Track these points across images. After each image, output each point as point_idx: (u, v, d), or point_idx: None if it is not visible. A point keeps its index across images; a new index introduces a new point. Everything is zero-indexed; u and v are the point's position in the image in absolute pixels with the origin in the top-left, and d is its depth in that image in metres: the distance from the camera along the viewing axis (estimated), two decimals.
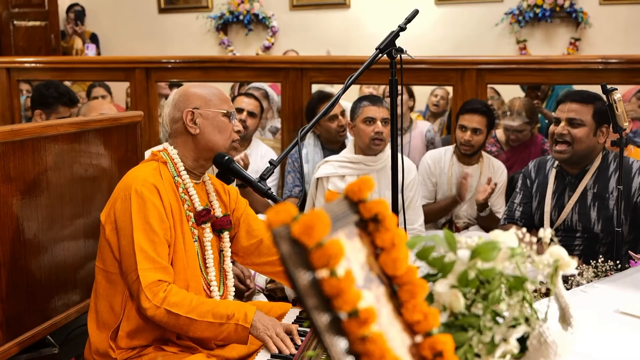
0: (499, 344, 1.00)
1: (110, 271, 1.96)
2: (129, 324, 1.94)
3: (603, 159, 2.76)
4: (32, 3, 7.47)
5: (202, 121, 2.01)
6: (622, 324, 1.64)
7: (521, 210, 2.96)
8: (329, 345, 0.77)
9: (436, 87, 5.34)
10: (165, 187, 1.95)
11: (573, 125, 2.70)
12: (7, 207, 2.00)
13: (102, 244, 1.99)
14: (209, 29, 7.78)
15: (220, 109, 2.03)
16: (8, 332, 2.03)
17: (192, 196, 2.01)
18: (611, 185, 2.72)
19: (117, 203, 1.93)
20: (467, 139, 3.47)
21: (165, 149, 2.05)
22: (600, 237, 2.74)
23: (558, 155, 2.76)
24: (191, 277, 1.97)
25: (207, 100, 2.03)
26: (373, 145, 3.20)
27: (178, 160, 2.02)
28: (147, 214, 1.88)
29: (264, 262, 2.16)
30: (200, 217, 2.01)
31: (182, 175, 2.01)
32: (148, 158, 2.07)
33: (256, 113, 3.79)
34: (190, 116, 2.01)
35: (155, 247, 1.88)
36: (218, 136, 2.02)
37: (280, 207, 0.80)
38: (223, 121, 2.03)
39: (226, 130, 2.03)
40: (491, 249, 1.01)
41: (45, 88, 3.56)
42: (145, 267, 1.85)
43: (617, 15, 6.64)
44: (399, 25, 2.17)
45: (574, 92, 2.95)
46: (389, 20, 3.31)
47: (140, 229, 1.87)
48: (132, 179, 1.94)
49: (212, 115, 2.02)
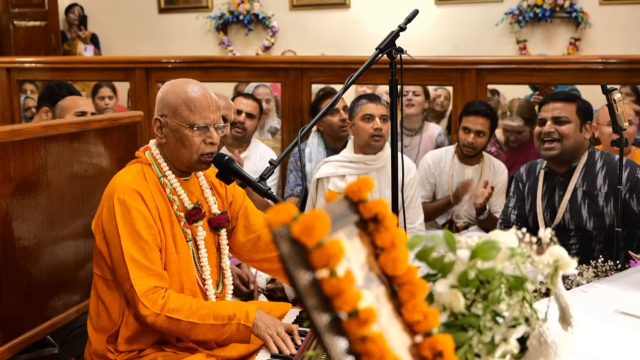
0: (499, 344, 1.00)
1: (108, 278, 1.95)
2: (128, 329, 1.93)
3: (589, 157, 2.79)
4: (32, 3, 7.47)
5: (167, 131, 1.93)
6: (622, 324, 1.63)
7: (516, 214, 2.98)
8: (329, 345, 0.77)
9: (437, 87, 5.33)
10: (150, 190, 1.90)
11: (559, 123, 2.75)
12: (7, 207, 2.00)
13: (95, 251, 1.97)
14: (209, 29, 7.77)
15: (185, 122, 1.89)
16: (8, 332, 2.03)
17: (181, 196, 1.96)
18: (599, 182, 2.74)
19: (104, 212, 1.89)
20: (470, 141, 3.47)
21: (149, 148, 2.00)
22: (594, 235, 2.75)
23: (547, 153, 2.78)
24: (186, 278, 1.95)
25: (175, 110, 1.90)
26: (372, 141, 3.20)
27: (162, 160, 1.96)
28: (133, 222, 1.84)
29: (262, 259, 2.12)
30: (191, 216, 1.96)
31: (168, 176, 1.95)
32: (133, 160, 2.02)
33: (255, 114, 3.79)
34: (158, 124, 1.95)
35: (146, 254, 1.84)
36: (181, 150, 1.91)
37: (280, 207, 0.80)
38: (186, 135, 1.89)
39: (190, 144, 1.89)
40: (491, 249, 1.01)
41: (58, 87, 3.55)
42: (138, 275, 1.83)
43: (617, 15, 6.64)
44: (399, 25, 2.17)
45: (555, 93, 3.07)
46: (389, 20, 3.30)
47: (128, 238, 1.83)
48: (114, 186, 1.90)
49: (176, 127, 1.90)
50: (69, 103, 3.20)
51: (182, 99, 1.91)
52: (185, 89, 1.92)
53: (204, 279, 2.00)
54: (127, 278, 1.83)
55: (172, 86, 1.96)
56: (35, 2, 7.46)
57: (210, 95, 1.95)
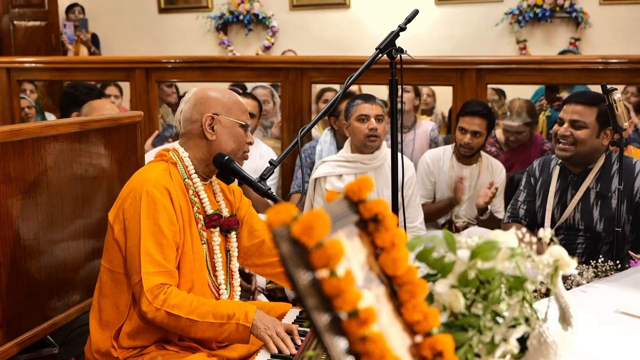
0: (499, 344, 1.00)
1: (117, 271, 1.95)
2: (131, 324, 1.93)
3: (606, 159, 2.77)
4: (32, 3, 7.47)
5: (220, 128, 2.02)
6: (622, 324, 1.64)
7: (525, 209, 2.97)
8: (329, 345, 0.77)
9: (422, 86, 5.33)
10: (175, 189, 1.94)
11: (576, 127, 2.71)
12: (7, 207, 2.00)
13: (109, 243, 1.97)
14: (209, 29, 7.77)
15: (239, 119, 2.04)
16: (8, 332, 2.03)
17: (203, 199, 2.01)
18: (614, 185, 2.72)
19: (127, 203, 1.91)
20: (466, 141, 3.47)
21: (176, 149, 2.03)
22: (603, 237, 2.75)
23: (561, 154, 2.77)
24: (197, 278, 1.97)
25: (229, 109, 2.03)
26: (368, 142, 3.20)
27: (189, 162, 2.01)
28: (157, 216, 1.87)
29: (264, 264, 2.16)
30: (212, 221, 2.01)
31: (193, 178, 2.00)
32: (156, 158, 2.05)
33: (255, 114, 3.81)
34: (210, 121, 2.01)
35: (162, 250, 1.87)
36: (232, 145, 2.03)
37: (280, 207, 0.80)
38: (240, 132, 2.04)
39: (241, 140, 2.05)
40: (491, 249, 1.01)
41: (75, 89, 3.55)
42: (150, 270, 1.84)
43: (617, 15, 6.64)
44: (399, 25, 2.17)
45: (580, 93, 2.94)
46: (389, 20, 3.31)
47: (149, 231, 1.86)
48: (143, 179, 1.93)
49: (231, 124, 2.03)
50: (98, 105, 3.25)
51: (233, 101, 2.05)
52: (226, 92, 2.10)
53: (218, 284, 2.03)
54: (138, 271, 1.85)
55: (210, 89, 2.08)
56: (35, 2, 7.46)
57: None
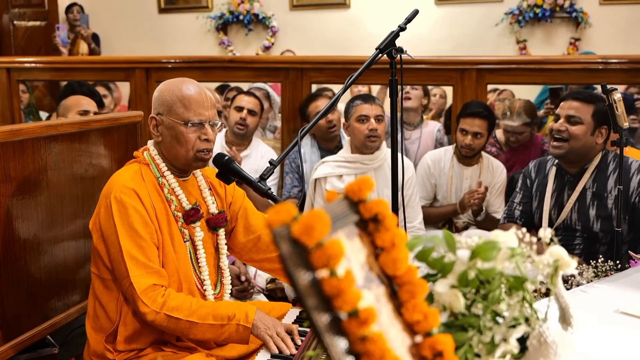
0: (499, 344, 1.00)
1: (105, 277, 1.95)
2: (127, 329, 1.92)
3: (602, 159, 2.77)
4: (32, 3, 7.47)
5: (163, 129, 1.95)
6: (622, 324, 1.63)
7: (521, 210, 2.98)
8: (329, 345, 0.77)
9: (433, 87, 5.33)
10: (147, 190, 1.91)
11: (571, 123, 2.74)
12: (7, 207, 2.00)
13: (93, 251, 1.97)
14: (209, 29, 7.77)
15: (180, 119, 1.91)
16: (8, 332, 2.03)
17: (179, 196, 1.96)
18: (610, 185, 2.73)
19: (101, 211, 1.90)
20: (467, 142, 3.47)
21: (147, 148, 2.01)
22: (600, 237, 2.75)
23: (554, 151, 2.78)
24: (184, 278, 1.95)
25: (170, 107, 1.92)
26: (368, 142, 3.20)
27: (160, 160, 1.97)
28: (130, 220, 1.85)
29: (262, 259, 2.13)
30: (189, 216, 1.97)
31: (167, 176, 1.96)
32: (131, 160, 2.03)
33: (256, 111, 3.79)
34: (154, 122, 1.96)
35: (144, 252, 1.85)
36: (177, 147, 1.93)
37: (280, 207, 0.80)
38: (181, 132, 1.91)
39: (185, 141, 1.91)
40: (491, 249, 1.01)
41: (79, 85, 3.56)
42: (137, 273, 1.83)
43: (617, 15, 6.63)
44: (399, 25, 2.17)
45: (577, 91, 3.00)
46: (389, 20, 3.31)
47: (126, 236, 1.84)
48: (111, 185, 1.91)
49: (171, 124, 1.92)
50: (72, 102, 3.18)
51: (176, 97, 1.92)
52: (180, 87, 1.94)
53: (202, 280, 2.00)
54: (126, 276, 1.83)
55: (167, 84, 1.97)
56: (35, 2, 7.46)
57: (205, 93, 1.96)
